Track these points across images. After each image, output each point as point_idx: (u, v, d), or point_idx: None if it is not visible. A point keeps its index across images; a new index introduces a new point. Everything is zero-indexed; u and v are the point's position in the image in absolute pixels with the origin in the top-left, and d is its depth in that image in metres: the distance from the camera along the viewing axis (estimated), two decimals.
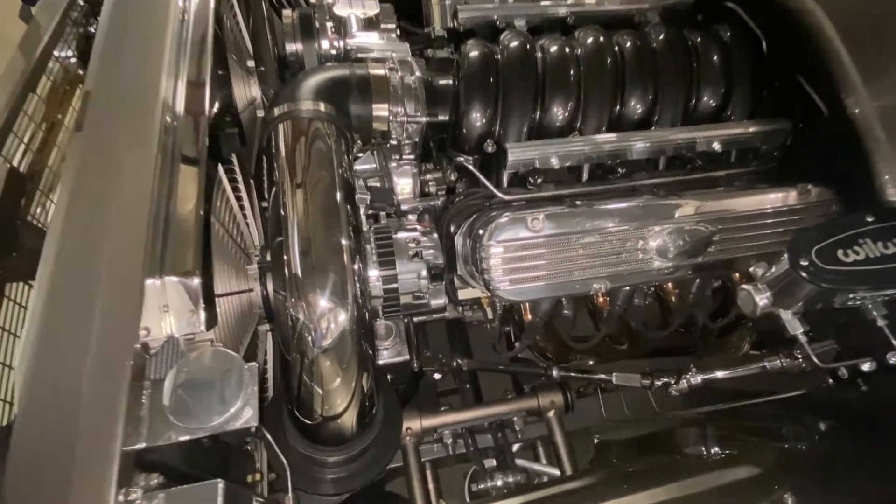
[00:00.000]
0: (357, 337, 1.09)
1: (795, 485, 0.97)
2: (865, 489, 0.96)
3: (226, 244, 1.15)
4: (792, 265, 1.00)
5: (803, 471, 1.01)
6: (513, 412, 1.54)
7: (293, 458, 1.22)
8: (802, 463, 1.05)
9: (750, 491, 0.98)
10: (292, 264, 1.06)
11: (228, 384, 0.86)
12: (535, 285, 1.23)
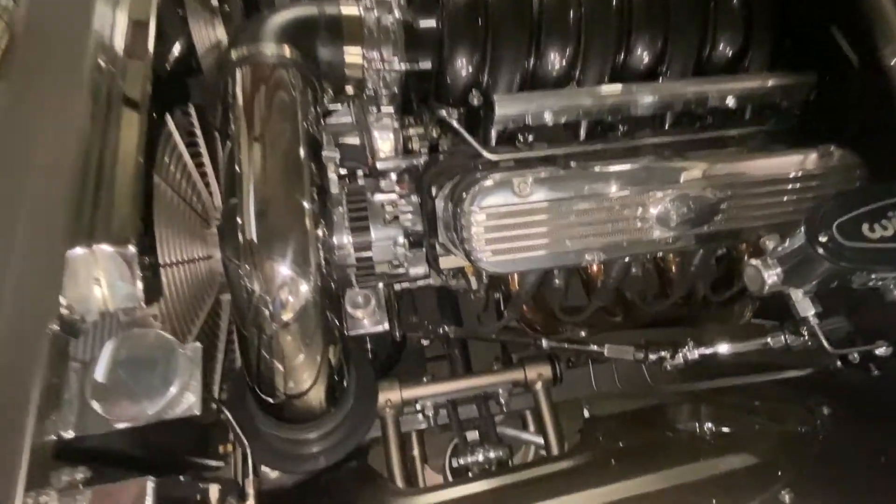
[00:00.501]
0: (321, 309, 0.99)
1: (793, 479, 0.89)
2: (871, 485, 0.88)
3: (176, 206, 1.03)
4: (809, 240, 0.88)
5: (803, 462, 0.93)
6: (498, 384, 1.47)
7: (259, 435, 1.15)
8: (802, 452, 0.97)
9: (745, 485, 0.90)
10: (247, 228, 0.95)
11: (166, 369, 0.77)
12: (521, 256, 1.12)
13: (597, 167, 1.13)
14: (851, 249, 0.85)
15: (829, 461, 0.95)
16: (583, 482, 1.05)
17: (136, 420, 0.74)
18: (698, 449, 1.04)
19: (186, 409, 0.77)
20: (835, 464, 0.94)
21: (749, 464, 0.95)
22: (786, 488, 0.87)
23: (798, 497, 0.85)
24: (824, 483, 0.89)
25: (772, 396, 1.25)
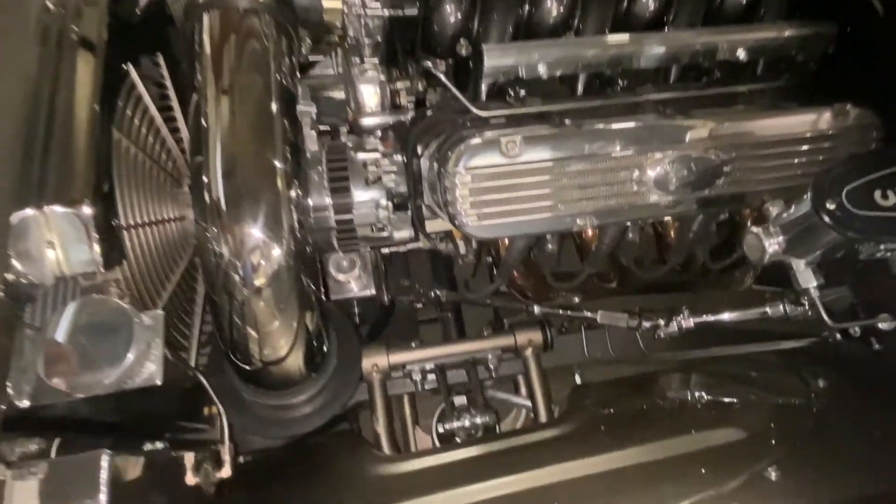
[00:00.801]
0: (295, 274, 0.95)
1: (781, 455, 0.86)
2: (861, 462, 0.85)
3: (141, 163, 0.97)
4: (815, 208, 0.81)
5: (792, 437, 0.90)
6: (488, 350, 1.44)
7: (240, 400, 1.13)
8: (793, 427, 0.93)
9: (731, 461, 0.88)
10: (213, 188, 0.89)
11: (123, 338, 0.73)
12: (509, 221, 1.06)
13: (591, 125, 1.05)
14: (861, 218, 0.78)
15: (819, 436, 0.92)
16: (566, 453, 1.03)
17: (94, 390, 0.70)
18: (686, 421, 1.01)
19: (147, 378, 0.74)
20: (825, 439, 0.91)
21: (737, 438, 0.92)
22: (773, 465, 0.84)
23: (784, 474, 0.83)
24: (812, 460, 0.86)
25: (767, 366, 1.21)
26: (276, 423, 1.16)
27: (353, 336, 1.28)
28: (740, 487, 0.82)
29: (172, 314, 1.04)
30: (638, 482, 0.93)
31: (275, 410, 1.15)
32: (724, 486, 0.84)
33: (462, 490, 0.98)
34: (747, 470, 0.84)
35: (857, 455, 0.87)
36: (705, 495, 0.84)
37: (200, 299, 1.17)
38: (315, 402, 1.18)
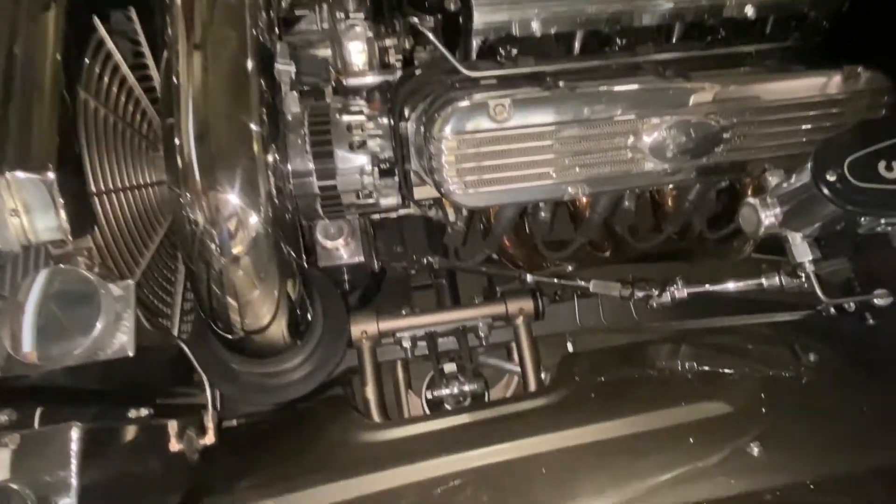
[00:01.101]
0: (274, 242, 0.92)
1: (765, 430, 0.85)
2: (846, 439, 0.84)
3: (111, 125, 0.93)
4: (815, 179, 0.77)
5: (778, 412, 0.89)
6: (478, 318, 1.42)
7: (226, 368, 1.13)
8: (780, 401, 0.92)
9: (714, 435, 0.87)
10: (186, 151, 0.85)
11: (90, 309, 0.71)
12: (497, 189, 1.02)
13: (586, 88, 1.00)
14: (862, 191, 0.74)
15: (806, 412, 0.91)
16: (552, 423, 1.02)
17: (63, 361, 0.69)
18: (672, 393, 1.00)
19: (118, 349, 0.73)
20: (812, 415, 0.90)
21: (722, 412, 0.91)
22: (755, 440, 0.83)
23: (766, 450, 0.82)
24: (795, 436, 0.85)
25: (760, 338, 1.19)
26: (262, 391, 1.16)
27: (339, 303, 1.27)
28: (721, 462, 0.82)
29: (153, 282, 1.02)
30: (621, 454, 0.93)
31: (260, 378, 1.15)
32: (706, 461, 0.84)
33: (448, 458, 0.98)
34: (730, 444, 0.84)
35: (842, 432, 0.86)
36: (687, 469, 0.84)
37: (182, 267, 1.15)
38: (301, 370, 1.18)
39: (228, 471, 1.04)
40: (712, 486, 0.81)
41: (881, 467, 0.80)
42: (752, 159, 1.10)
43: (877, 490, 0.76)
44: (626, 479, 0.86)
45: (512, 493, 0.88)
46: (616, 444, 0.94)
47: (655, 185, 1.15)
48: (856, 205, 0.75)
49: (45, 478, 0.63)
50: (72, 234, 0.75)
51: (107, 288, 0.71)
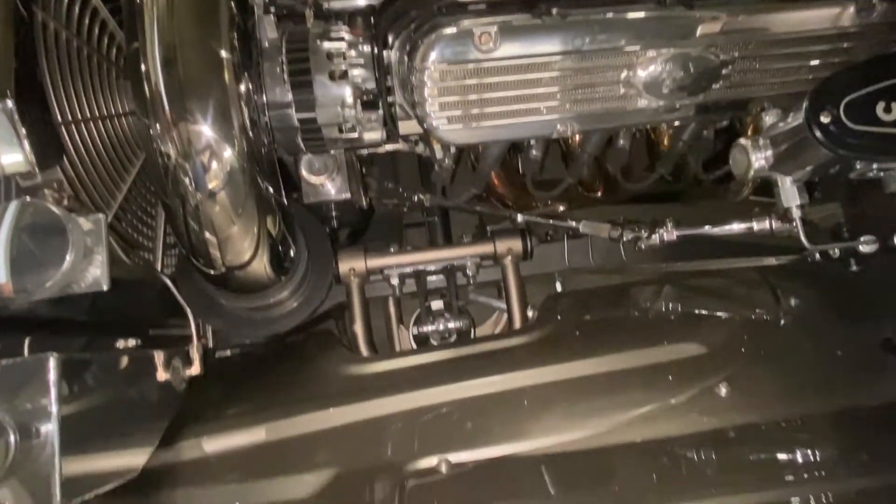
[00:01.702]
0: (250, 177, 0.90)
1: (737, 371, 0.87)
2: (817, 381, 0.86)
3: (77, 51, 0.88)
4: (808, 121, 0.73)
5: (751, 354, 0.91)
6: (466, 256, 1.43)
7: (210, 302, 1.14)
8: (753, 345, 0.93)
9: (686, 375, 0.89)
10: (153, 80, 0.81)
11: (59, 243, 0.70)
12: (482, 125, 0.98)
13: (578, 16, 0.93)
14: (857, 134, 0.71)
15: (779, 354, 0.92)
16: (533, 359, 1.05)
17: (35, 294, 0.69)
18: (650, 334, 1.02)
19: (92, 283, 0.73)
20: (784, 357, 0.91)
21: (696, 354, 0.93)
22: (724, 381, 0.85)
23: (733, 390, 0.84)
24: (765, 378, 0.87)
25: (744, 282, 1.19)
26: (249, 325, 1.18)
27: (324, 239, 1.26)
28: (690, 400, 0.84)
29: (132, 216, 1.01)
30: (598, 390, 0.96)
31: (246, 312, 1.17)
32: (676, 399, 0.86)
33: (433, 390, 1.01)
34: (700, 385, 0.86)
35: (813, 375, 0.88)
36: (657, 406, 0.87)
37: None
38: (287, 305, 1.20)
39: (217, 400, 1.08)
40: (680, 423, 0.84)
41: (846, 408, 0.83)
42: (752, 97, 1.05)
43: (839, 430, 0.79)
44: (601, 414, 0.89)
45: (495, 423, 0.91)
46: (594, 380, 0.97)
47: (648, 124, 1.11)
48: (849, 149, 0.72)
49: (26, 405, 0.65)
50: (38, 165, 0.73)
51: (75, 222, 0.70)
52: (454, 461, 0.79)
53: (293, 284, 1.17)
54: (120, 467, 0.77)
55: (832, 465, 0.67)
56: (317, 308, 1.26)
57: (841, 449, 0.72)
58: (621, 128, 1.07)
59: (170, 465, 0.92)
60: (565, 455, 0.80)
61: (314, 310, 1.28)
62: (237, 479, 0.87)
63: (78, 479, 0.67)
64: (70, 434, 0.67)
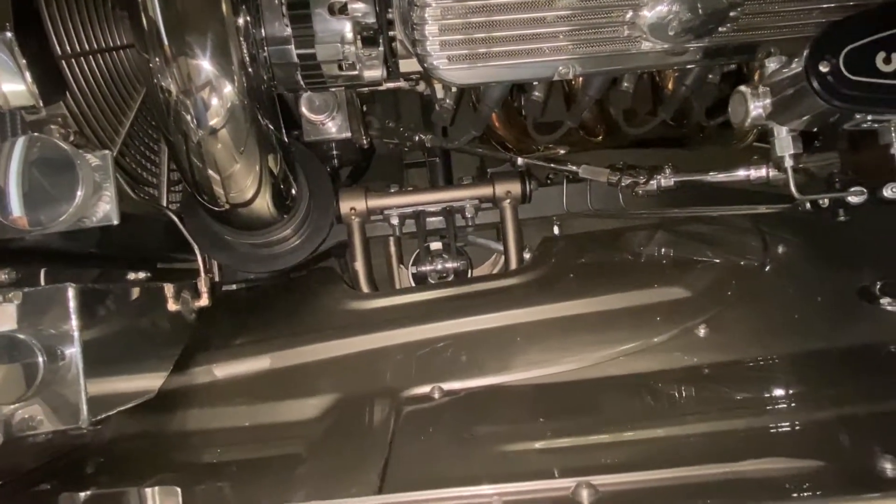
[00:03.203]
0: (251, 114, 0.91)
1: (717, 314, 0.91)
2: (793, 325, 0.91)
3: None
4: (807, 70, 0.73)
5: (731, 299, 0.95)
6: (466, 199, 1.45)
7: (216, 237, 1.17)
8: (736, 289, 0.97)
9: (670, 316, 0.93)
10: (151, 13, 0.80)
11: (68, 179, 0.72)
12: (483, 66, 0.97)
13: None
14: (854, 85, 0.71)
15: (761, 298, 0.96)
16: (525, 299, 1.09)
17: (48, 227, 0.73)
18: (638, 277, 1.05)
19: (103, 217, 0.76)
20: (765, 301, 0.96)
21: (680, 297, 0.97)
22: (703, 323, 0.89)
23: (712, 332, 0.89)
24: (745, 320, 0.91)
25: (736, 229, 1.22)
26: (254, 260, 1.22)
27: (325, 178, 1.28)
28: (670, 340, 0.89)
29: (136, 152, 1.02)
30: (585, 329, 1.01)
31: (251, 248, 1.20)
32: (658, 338, 0.91)
33: (429, 325, 1.06)
34: (681, 325, 0.90)
35: (790, 318, 0.92)
36: (639, 344, 0.92)
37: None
38: (290, 242, 1.23)
39: (227, 331, 1.14)
40: (660, 360, 0.90)
41: (819, 350, 0.87)
42: (760, 42, 1.02)
43: (808, 369, 0.84)
44: (586, 350, 0.94)
45: (486, 356, 0.96)
46: (582, 319, 1.02)
47: (652, 68, 1.09)
48: (845, 101, 0.72)
49: (50, 330, 0.70)
50: (42, 98, 0.74)
51: (82, 157, 0.72)
52: (447, 389, 0.85)
53: (295, 222, 1.20)
54: (138, 389, 0.83)
55: (797, 399, 0.72)
56: (319, 246, 1.30)
57: (808, 385, 0.78)
58: (624, 71, 1.06)
59: (184, 388, 0.99)
60: (551, 386, 0.86)
61: (316, 247, 1.32)
62: (246, 401, 0.93)
63: (101, 397, 0.73)
64: (91, 357, 0.72)
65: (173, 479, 0.57)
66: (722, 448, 0.60)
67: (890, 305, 0.89)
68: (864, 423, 0.64)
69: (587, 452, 0.63)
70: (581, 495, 0.51)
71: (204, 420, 0.92)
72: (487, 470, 0.58)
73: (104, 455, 0.79)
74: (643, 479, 0.52)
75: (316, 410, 0.86)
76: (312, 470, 0.67)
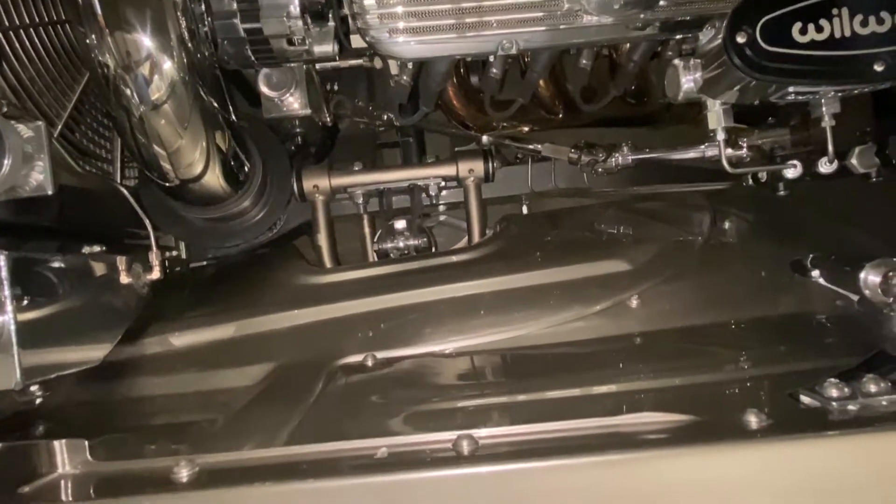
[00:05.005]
0: (193, 90, 0.92)
1: (651, 287, 0.93)
2: (725, 297, 0.92)
3: None
4: (724, 42, 0.73)
5: (670, 272, 0.96)
6: (430, 177, 1.46)
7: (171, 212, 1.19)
8: (675, 263, 0.99)
9: (607, 288, 0.95)
10: None
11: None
12: (425, 40, 0.97)
13: None
14: (771, 56, 0.71)
15: (698, 271, 0.98)
16: (470, 273, 1.11)
17: None
18: (583, 252, 1.07)
19: (36, 187, 0.77)
20: (702, 274, 0.97)
21: (620, 270, 0.99)
22: (636, 294, 0.91)
23: (643, 302, 0.91)
24: (678, 292, 0.93)
25: (686, 205, 1.23)
26: (209, 235, 1.24)
27: (282, 155, 1.29)
28: (604, 310, 0.91)
29: (86, 127, 1.03)
30: (526, 300, 1.02)
31: (206, 223, 1.22)
32: (593, 308, 0.93)
33: (390, 296, 1.07)
34: (616, 297, 0.92)
35: (724, 291, 0.94)
36: (576, 313, 0.94)
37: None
38: (246, 218, 1.25)
39: (182, 303, 1.17)
40: (595, 328, 0.92)
41: (747, 319, 0.89)
42: (706, 15, 1.02)
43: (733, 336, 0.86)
44: (527, 320, 0.96)
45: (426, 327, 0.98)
46: (529, 291, 1.04)
47: (596, 43, 1.09)
48: (763, 72, 0.72)
49: None
50: None
51: (10, 127, 0.73)
52: (381, 357, 0.88)
53: (250, 198, 1.21)
54: (80, 357, 0.86)
55: (692, 364, 0.75)
56: (278, 221, 1.31)
57: (712, 352, 0.80)
58: (568, 46, 1.06)
59: (137, 357, 1.02)
60: (478, 353, 0.88)
61: (275, 222, 1.34)
62: (196, 369, 0.96)
63: (37, 361, 0.75)
64: (28, 323, 0.74)
65: (85, 435, 0.60)
66: (602, 406, 0.62)
67: (818, 278, 0.90)
68: (748, 384, 0.66)
69: (481, 412, 0.65)
70: (461, 446, 0.54)
71: (153, 387, 0.95)
72: (386, 427, 0.61)
73: (49, 419, 0.82)
74: (521, 432, 0.54)
75: (257, 378, 0.89)
76: (223, 430, 0.69)
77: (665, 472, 0.49)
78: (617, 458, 0.48)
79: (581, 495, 0.49)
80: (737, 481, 0.49)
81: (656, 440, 0.51)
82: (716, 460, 0.49)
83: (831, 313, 0.85)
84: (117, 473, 0.55)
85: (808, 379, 0.58)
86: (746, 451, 0.49)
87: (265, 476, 0.50)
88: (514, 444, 0.52)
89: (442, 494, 0.49)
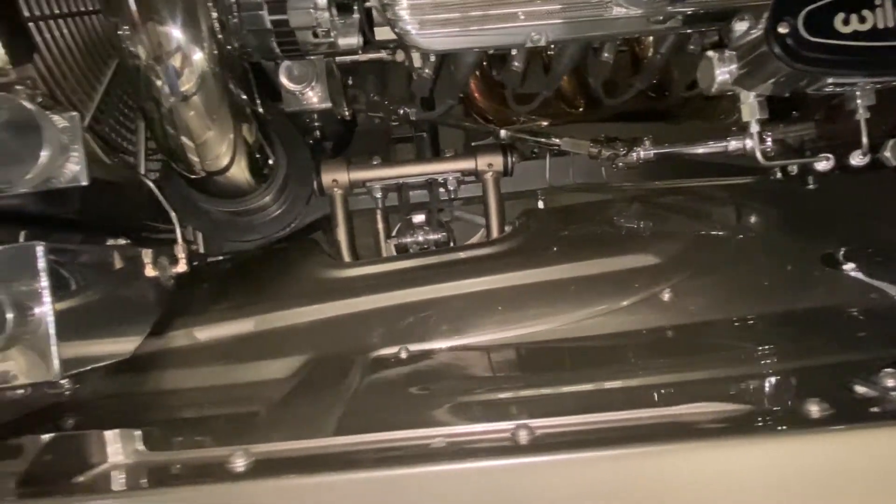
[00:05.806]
0: (222, 82, 0.91)
1: (682, 280, 0.93)
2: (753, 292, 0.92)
3: None
4: (766, 31, 0.73)
5: (699, 266, 0.96)
6: (448, 171, 1.45)
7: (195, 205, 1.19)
8: (703, 257, 0.99)
9: (637, 282, 0.95)
10: None
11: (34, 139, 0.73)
12: (455, 31, 0.97)
13: None
14: (813, 47, 0.71)
15: (727, 265, 0.98)
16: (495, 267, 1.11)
17: (16, 186, 0.74)
18: (610, 246, 1.07)
19: (71, 178, 0.77)
20: (731, 268, 0.97)
21: (649, 264, 0.98)
22: (669, 288, 0.91)
23: (676, 296, 0.90)
24: (708, 286, 0.93)
25: (711, 200, 1.23)
26: (232, 228, 1.24)
27: (304, 149, 1.29)
28: (636, 304, 0.91)
29: (112, 119, 1.03)
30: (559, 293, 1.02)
31: (229, 216, 1.22)
32: (624, 302, 0.93)
33: (399, 292, 1.07)
34: (647, 290, 0.92)
35: (753, 284, 0.94)
36: (606, 307, 0.94)
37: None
38: (268, 212, 1.25)
39: (208, 297, 1.16)
40: (625, 322, 0.92)
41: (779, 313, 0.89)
42: (735, 7, 1.02)
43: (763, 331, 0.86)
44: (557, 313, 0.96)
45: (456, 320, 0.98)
46: (556, 285, 1.03)
47: (625, 35, 1.09)
48: (804, 62, 0.72)
49: (21, 288, 0.72)
50: (11, 60, 0.75)
51: (47, 118, 0.72)
52: (414, 350, 0.87)
53: (273, 192, 1.21)
54: (113, 349, 0.85)
55: (743, 355, 0.74)
56: (298, 216, 1.31)
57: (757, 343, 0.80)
58: (597, 38, 1.05)
59: (163, 350, 1.01)
60: (514, 346, 0.88)
61: (295, 217, 1.34)
62: (222, 363, 0.96)
63: (74, 353, 0.75)
64: (64, 315, 0.74)
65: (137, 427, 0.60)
66: (657, 396, 0.62)
67: (853, 271, 0.90)
68: (800, 375, 0.66)
69: (533, 402, 0.65)
70: (519, 435, 0.54)
71: (181, 380, 0.94)
72: (438, 418, 0.61)
73: (80, 412, 0.82)
74: (578, 422, 0.54)
75: (288, 371, 0.88)
76: (271, 420, 0.69)
77: (727, 461, 0.49)
78: (678, 448, 0.48)
79: (642, 485, 0.48)
80: (801, 470, 0.49)
81: (717, 429, 0.51)
82: (779, 449, 0.49)
83: (867, 306, 0.85)
84: (170, 463, 0.55)
85: (858, 370, 0.58)
86: (810, 441, 0.49)
87: (320, 466, 0.50)
88: (571, 433, 0.52)
89: (501, 484, 0.49)
